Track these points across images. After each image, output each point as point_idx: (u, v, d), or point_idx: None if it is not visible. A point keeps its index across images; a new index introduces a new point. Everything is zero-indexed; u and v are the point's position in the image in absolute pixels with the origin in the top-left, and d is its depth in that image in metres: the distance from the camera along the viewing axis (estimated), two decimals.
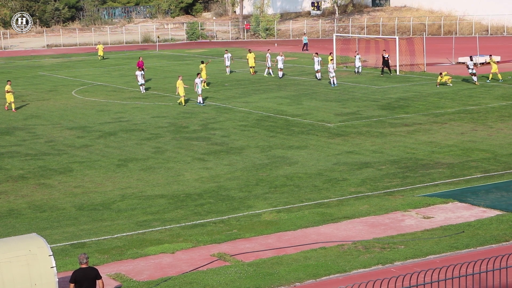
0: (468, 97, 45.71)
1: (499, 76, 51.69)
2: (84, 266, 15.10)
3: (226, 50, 64.83)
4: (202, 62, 56.20)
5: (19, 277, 14.65)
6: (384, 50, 59.02)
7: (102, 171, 30.85)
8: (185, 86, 46.15)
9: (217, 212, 24.34)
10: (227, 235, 21.61)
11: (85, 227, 23.39)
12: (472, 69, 50.85)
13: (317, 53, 57.98)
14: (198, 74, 47.80)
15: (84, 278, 14.97)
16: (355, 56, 58.66)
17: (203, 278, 18.12)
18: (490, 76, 52.05)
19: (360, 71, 57.85)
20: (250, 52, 61.24)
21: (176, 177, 29.41)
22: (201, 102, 46.36)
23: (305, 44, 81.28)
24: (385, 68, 57.19)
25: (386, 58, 56.96)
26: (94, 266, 15.97)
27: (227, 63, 61.32)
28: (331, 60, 56.25)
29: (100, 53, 77.47)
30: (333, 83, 52.09)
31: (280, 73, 57.66)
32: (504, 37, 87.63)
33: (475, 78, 50.89)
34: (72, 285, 14.96)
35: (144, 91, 52.11)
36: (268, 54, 60.28)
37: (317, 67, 55.81)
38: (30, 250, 14.90)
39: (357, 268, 18.50)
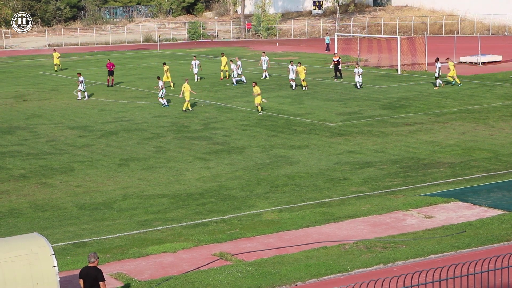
0: (469, 97, 45.68)
1: (457, 80, 50.26)
2: (91, 265, 15.39)
3: (195, 56, 60.74)
4: (165, 64, 55.37)
5: (21, 276, 14.65)
6: (335, 53, 57.85)
7: (103, 170, 30.86)
8: (191, 91, 44.93)
9: (218, 212, 24.35)
10: (228, 235, 21.61)
11: (87, 226, 23.40)
12: (439, 72, 49.31)
13: (292, 61, 57.70)
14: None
15: (86, 276, 15.32)
16: (353, 70, 51.91)
17: (205, 278, 18.12)
18: (450, 79, 50.40)
19: (359, 86, 50.51)
20: (223, 56, 58.86)
21: (178, 177, 29.42)
22: (164, 103, 45.91)
23: (328, 44, 78.46)
24: (338, 73, 55.15)
25: (335, 62, 55.12)
26: (99, 267, 15.96)
27: (195, 70, 57.31)
28: (291, 62, 52.77)
29: (56, 61, 66.58)
30: (293, 87, 51.25)
31: (264, 74, 56.76)
32: (505, 37, 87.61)
33: (439, 82, 49.44)
34: (81, 280, 15.42)
35: (80, 98, 49.72)
36: (263, 58, 57.79)
37: (291, 75, 52.74)
38: (31, 250, 14.90)
39: (358, 267, 18.50)
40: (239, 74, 55.68)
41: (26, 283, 14.69)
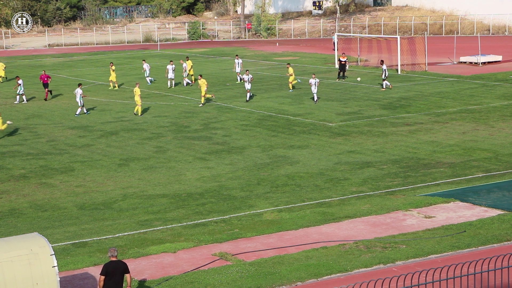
0: (469, 97, 45.68)
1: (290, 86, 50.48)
2: (114, 259, 15.45)
3: (171, 61, 56.47)
4: (112, 64, 55.30)
5: (21, 276, 14.65)
6: (343, 53, 57.95)
7: (103, 170, 30.86)
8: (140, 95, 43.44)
9: (218, 212, 24.34)
10: (228, 235, 21.61)
11: (87, 226, 23.40)
12: (385, 74, 49.31)
13: (237, 55, 57.71)
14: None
15: (115, 270, 15.34)
16: (310, 81, 46.20)
17: (205, 278, 18.12)
18: (290, 85, 50.38)
19: (316, 99, 45.42)
20: (188, 60, 56.90)
21: (178, 177, 29.42)
22: (83, 112, 44.06)
23: (336, 43, 77.43)
24: (342, 73, 55.18)
25: (342, 62, 55.18)
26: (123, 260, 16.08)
27: (171, 75, 54.04)
28: (247, 71, 49.13)
29: (1, 73, 61.95)
30: (248, 97, 47.08)
31: (238, 77, 55.41)
32: (505, 37, 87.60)
33: (387, 83, 49.45)
34: (102, 277, 15.26)
35: (19, 101, 48.95)
36: (236, 61, 56.42)
37: (237, 69, 54.75)
38: (31, 250, 14.89)
39: (358, 267, 18.50)
40: (183, 76, 54.68)
41: (26, 283, 14.69)
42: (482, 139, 34.06)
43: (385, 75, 49.54)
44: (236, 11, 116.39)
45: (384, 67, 49.86)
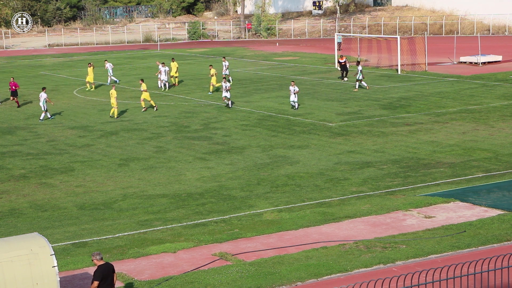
0: (469, 97, 45.68)
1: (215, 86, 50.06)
2: (103, 262, 15.33)
3: (163, 63, 54.87)
4: (90, 64, 54.86)
5: (21, 276, 14.64)
6: (341, 56, 57.96)
7: (103, 170, 30.87)
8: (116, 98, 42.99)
9: (218, 212, 24.35)
10: (228, 235, 21.61)
11: (87, 226, 23.41)
12: (360, 74, 49.46)
13: (224, 57, 57.33)
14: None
15: (108, 273, 15.24)
16: (289, 89, 43.73)
17: (205, 278, 18.12)
18: (211, 87, 49.95)
19: (296, 107, 43.12)
20: (173, 61, 55.54)
21: (178, 177, 29.42)
22: (49, 117, 43.18)
23: (339, 43, 73.66)
24: (344, 73, 55.14)
25: (343, 63, 55.32)
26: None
27: (164, 77, 52.93)
28: (224, 78, 47.04)
29: None
30: (229, 105, 44.80)
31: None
32: (505, 37, 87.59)
33: (364, 84, 49.79)
34: (96, 283, 15.01)
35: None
36: (224, 63, 56.02)
37: (225, 71, 54.54)
38: (31, 250, 14.89)
39: (358, 267, 18.50)
40: (165, 79, 53.47)
41: (26, 283, 14.69)
42: (482, 139, 34.06)
43: (360, 76, 49.54)
44: (236, 11, 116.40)
45: (360, 68, 49.84)
